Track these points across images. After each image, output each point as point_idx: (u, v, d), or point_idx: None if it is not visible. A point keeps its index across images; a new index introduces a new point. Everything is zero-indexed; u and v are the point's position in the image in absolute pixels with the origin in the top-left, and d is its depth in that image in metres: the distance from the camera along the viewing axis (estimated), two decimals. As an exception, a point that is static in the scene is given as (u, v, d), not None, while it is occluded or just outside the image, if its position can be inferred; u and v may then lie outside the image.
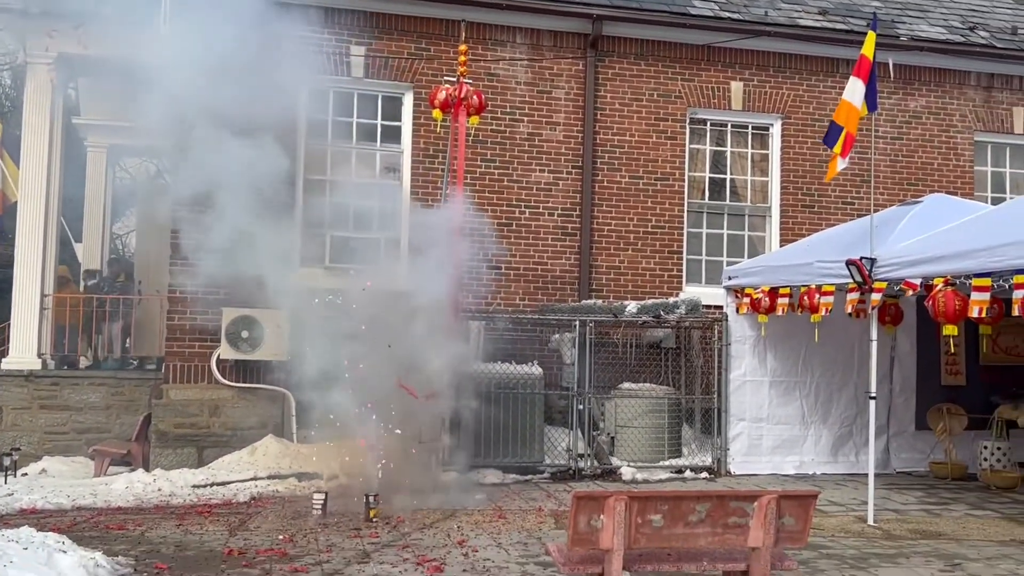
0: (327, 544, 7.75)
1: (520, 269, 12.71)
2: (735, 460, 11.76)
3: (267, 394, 11.63)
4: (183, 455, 11.36)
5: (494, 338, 12.29)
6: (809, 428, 12.09)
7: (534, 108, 12.87)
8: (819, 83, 13.78)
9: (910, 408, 12.45)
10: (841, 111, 8.79)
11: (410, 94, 12.52)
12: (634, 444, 11.67)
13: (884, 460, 12.05)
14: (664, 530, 5.46)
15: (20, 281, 12.90)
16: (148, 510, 9.26)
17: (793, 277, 10.55)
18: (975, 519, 9.36)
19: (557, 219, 12.87)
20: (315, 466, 10.75)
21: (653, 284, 13.08)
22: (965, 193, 13.80)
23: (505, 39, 12.79)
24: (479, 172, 12.56)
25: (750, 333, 11.86)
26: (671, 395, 12.01)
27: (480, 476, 10.95)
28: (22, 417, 12.41)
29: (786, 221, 13.61)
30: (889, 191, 13.69)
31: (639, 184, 13.14)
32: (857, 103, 8.61)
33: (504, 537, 8.12)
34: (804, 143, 13.71)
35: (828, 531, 8.52)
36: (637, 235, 13.11)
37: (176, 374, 11.63)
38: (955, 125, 14.22)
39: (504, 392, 11.30)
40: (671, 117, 13.29)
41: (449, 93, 10.11)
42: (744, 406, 11.87)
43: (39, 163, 12.98)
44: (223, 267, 11.57)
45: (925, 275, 8.62)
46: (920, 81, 14.11)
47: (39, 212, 12.94)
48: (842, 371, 12.20)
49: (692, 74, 13.38)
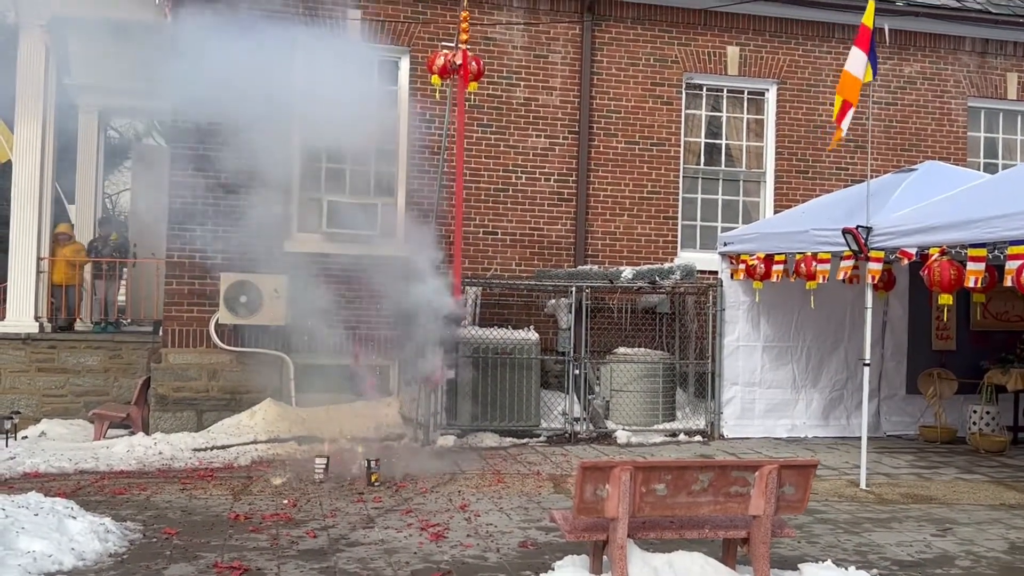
0: (331, 508, 7.87)
1: (516, 235, 12.77)
2: (728, 424, 11.94)
3: (265, 358, 11.71)
4: (183, 419, 11.45)
5: (491, 303, 12.42)
6: (801, 392, 12.26)
7: (530, 73, 12.85)
8: (815, 48, 13.78)
9: (901, 372, 12.63)
10: (844, 83, 8.80)
11: (407, 58, 12.48)
12: (629, 408, 11.81)
13: (875, 424, 12.24)
14: (668, 499, 5.58)
15: (16, 244, 12.88)
16: (151, 474, 9.35)
17: (789, 244, 10.65)
18: (965, 483, 9.56)
19: (553, 184, 12.91)
20: (315, 429, 10.86)
21: (648, 249, 13.16)
22: (958, 159, 13.90)
23: (501, 2, 12.74)
24: (475, 137, 12.56)
25: (744, 299, 11.98)
26: (665, 360, 12.14)
27: (478, 440, 11.10)
28: (20, 380, 12.46)
29: (780, 187, 13.68)
30: (884, 156, 13.76)
31: (635, 149, 13.17)
32: (859, 73, 8.62)
33: (505, 501, 8.25)
34: (799, 108, 13.74)
35: (822, 495, 8.69)
36: (633, 200, 13.16)
37: (175, 338, 11.69)
38: (949, 91, 14.26)
39: (501, 357, 11.41)
40: (667, 82, 13.30)
41: (447, 59, 10.09)
42: (737, 371, 12.02)
43: (33, 126, 12.91)
44: (221, 232, 11.68)
45: (921, 245, 8.73)
46: (915, 46, 14.13)
47: (34, 175, 12.90)
48: (833, 336, 12.36)
49: (688, 39, 13.37)
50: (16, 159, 13.06)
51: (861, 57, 8.63)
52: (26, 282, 12.83)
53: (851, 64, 8.72)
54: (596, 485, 5.47)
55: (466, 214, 12.29)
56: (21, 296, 12.81)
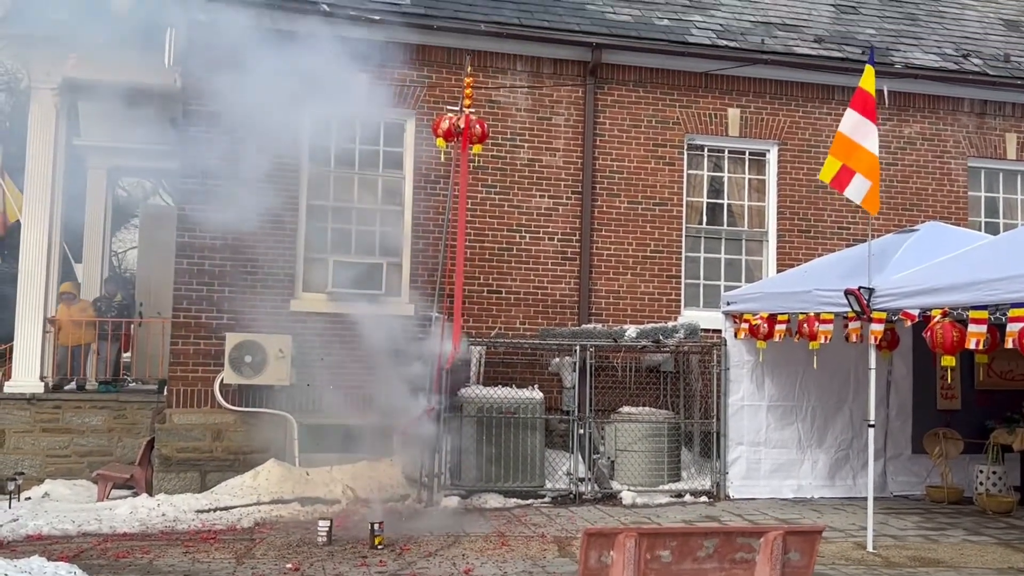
0: (334, 573, 7.82)
1: (520, 293, 12.83)
2: (734, 484, 11.88)
3: (269, 418, 11.71)
4: (186, 479, 11.43)
5: (495, 362, 12.44)
6: (806, 452, 12.22)
7: (534, 135, 13.01)
8: (815, 110, 13.96)
9: (906, 432, 12.59)
10: (843, 147, 8.92)
11: (412, 120, 12.65)
12: (634, 468, 11.78)
13: (881, 484, 12.17)
14: (673, 565, 5.57)
15: (23, 303, 12.94)
16: (153, 536, 9.32)
17: (792, 304, 10.69)
18: (972, 545, 9.48)
19: (557, 244, 13.01)
20: (318, 490, 10.83)
21: (652, 308, 13.21)
22: (959, 219, 13.99)
23: (506, 67, 12.95)
24: (480, 197, 12.69)
25: (748, 358, 12.00)
26: (670, 419, 12.13)
27: (481, 501, 11.05)
28: (24, 440, 12.44)
29: (783, 246, 13.77)
30: (885, 216, 13.85)
31: (638, 209, 13.29)
32: (872, 147, 8.78)
33: (509, 565, 8.20)
34: (800, 168, 13.88)
35: (829, 558, 8.62)
36: (636, 259, 13.25)
37: (179, 398, 11.71)
38: (949, 151, 14.41)
39: (505, 416, 11.41)
40: (669, 143, 13.46)
41: (452, 122, 10.25)
42: (742, 430, 11.99)
43: (43, 186, 13.04)
44: (227, 292, 11.78)
45: (923, 306, 8.77)
46: (914, 108, 14.31)
47: (42, 234, 12.98)
48: (838, 395, 12.34)
49: (690, 101, 13.56)
50: (25, 219, 13.18)
51: (871, 129, 8.77)
52: (32, 342, 12.85)
53: (854, 131, 8.84)
54: (601, 551, 5.46)
55: (471, 273, 12.39)
56: (27, 356, 12.82)
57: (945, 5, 16.19)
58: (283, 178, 11.96)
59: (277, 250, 12.00)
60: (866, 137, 8.93)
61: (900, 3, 15.91)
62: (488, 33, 12.61)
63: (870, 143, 8.94)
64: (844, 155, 9.03)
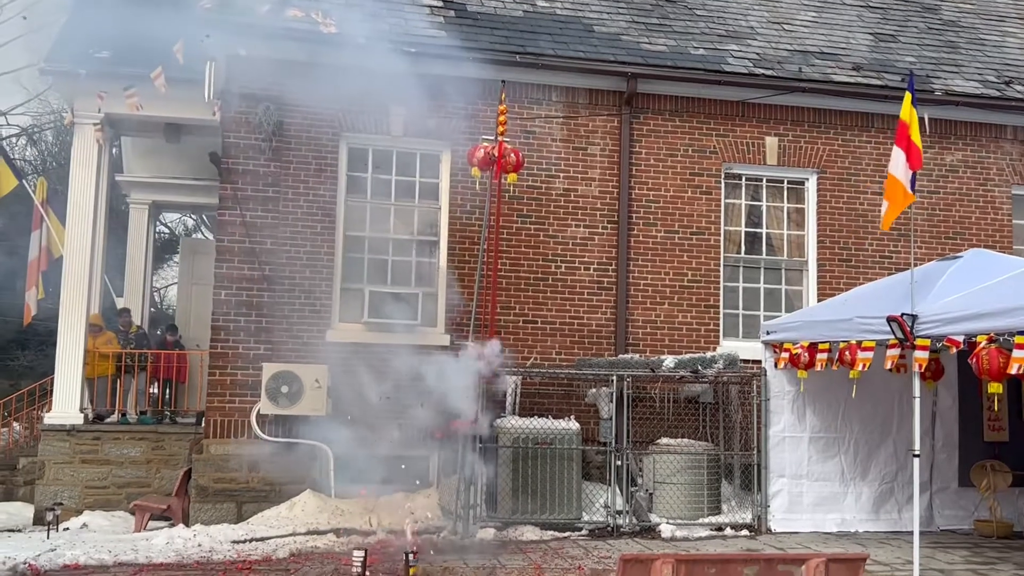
0: (368, 603, 7.74)
1: (556, 323, 12.76)
2: (776, 517, 11.63)
3: (306, 449, 11.68)
4: (222, 510, 11.41)
5: (531, 392, 12.34)
6: (849, 485, 11.94)
7: (570, 164, 13.00)
8: (854, 138, 13.83)
9: (953, 464, 12.27)
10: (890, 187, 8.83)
11: (448, 152, 12.69)
12: (673, 501, 11.58)
13: (928, 517, 11.86)
14: (711, 593, 5.43)
15: (64, 336, 13.11)
16: (189, 566, 9.29)
17: (832, 332, 10.50)
18: (1023, 580, 9.19)
19: (593, 273, 12.93)
20: (354, 521, 10.77)
21: (690, 338, 13.07)
22: (1004, 247, 13.74)
23: (541, 97, 12.97)
24: (515, 227, 12.67)
25: (788, 388, 11.79)
26: (710, 451, 11.93)
27: (518, 533, 10.91)
28: (64, 471, 12.55)
29: (823, 275, 13.59)
30: (928, 245, 13.65)
31: (675, 238, 13.19)
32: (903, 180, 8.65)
33: (545, 597, 8.07)
34: (840, 197, 13.72)
35: (873, 592, 8.40)
36: (673, 289, 13.13)
37: (216, 429, 11.73)
38: (992, 179, 14.19)
39: (541, 448, 11.28)
40: (706, 172, 13.38)
41: (487, 152, 10.28)
42: (784, 462, 11.76)
43: (85, 221, 13.27)
44: (264, 322, 11.84)
45: (968, 332, 8.57)
46: (956, 135, 14.12)
47: (84, 269, 13.19)
48: (881, 427, 12.07)
49: (727, 129, 13.49)
50: (67, 254, 13.39)
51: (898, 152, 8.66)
52: (73, 374, 13.01)
53: (894, 167, 8.73)
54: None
55: (506, 303, 12.36)
56: (67, 388, 12.97)
57: (986, 33, 16.03)
58: (320, 209, 12.05)
59: (314, 280, 12.05)
60: (897, 167, 8.80)
61: (940, 31, 15.77)
62: (524, 64, 12.64)
63: (893, 165, 8.81)
64: (890, 195, 8.90)
